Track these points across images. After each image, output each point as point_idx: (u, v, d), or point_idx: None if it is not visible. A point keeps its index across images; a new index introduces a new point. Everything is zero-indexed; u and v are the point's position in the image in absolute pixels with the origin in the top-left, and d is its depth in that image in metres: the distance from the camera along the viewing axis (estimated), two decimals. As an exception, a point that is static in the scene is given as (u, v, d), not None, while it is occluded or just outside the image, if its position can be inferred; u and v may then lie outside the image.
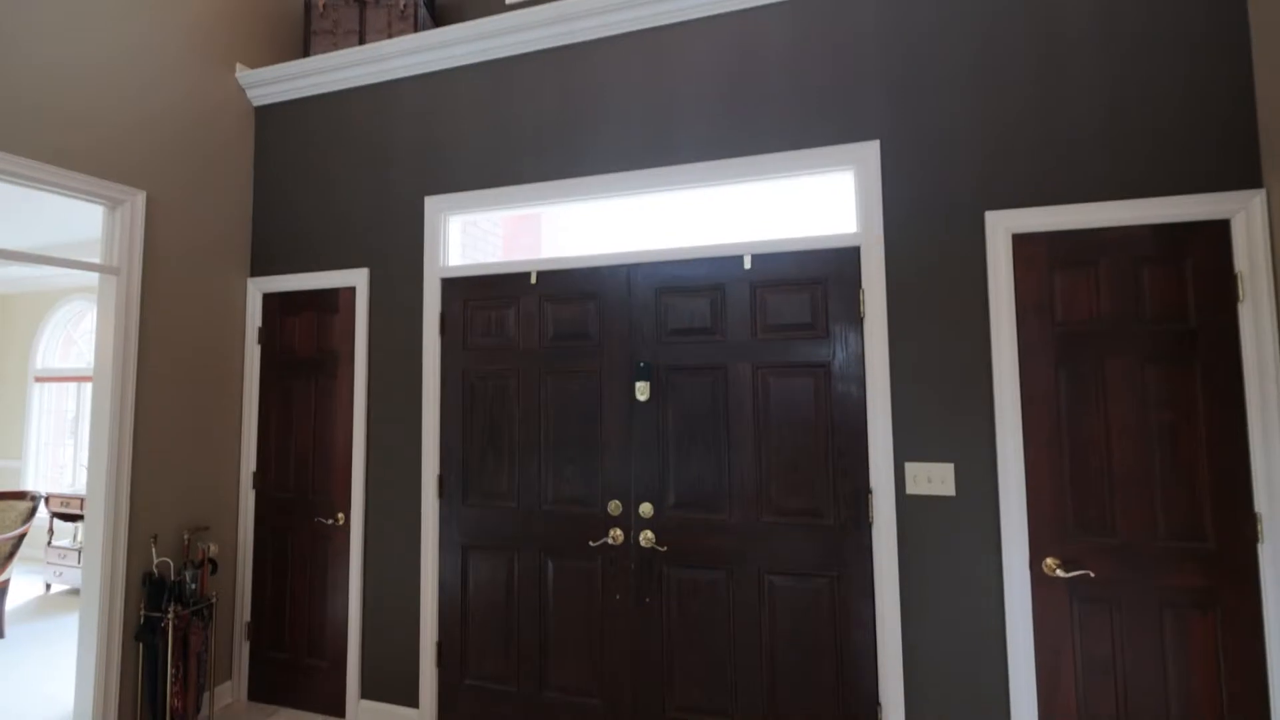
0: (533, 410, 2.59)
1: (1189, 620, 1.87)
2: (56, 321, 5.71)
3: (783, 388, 2.28)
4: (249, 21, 3.13)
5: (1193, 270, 1.93)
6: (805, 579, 2.22)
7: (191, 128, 2.84)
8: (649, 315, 2.44)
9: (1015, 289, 2.06)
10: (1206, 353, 1.90)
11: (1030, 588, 1.98)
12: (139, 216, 2.58)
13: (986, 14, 2.13)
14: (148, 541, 2.60)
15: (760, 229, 2.45)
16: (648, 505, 2.39)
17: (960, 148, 2.14)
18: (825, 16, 2.30)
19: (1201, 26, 1.94)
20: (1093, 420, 1.97)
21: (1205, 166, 1.92)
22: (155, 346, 2.66)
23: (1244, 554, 1.83)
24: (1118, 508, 1.93)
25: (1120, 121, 1.99)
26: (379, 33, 3.04)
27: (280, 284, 3.03)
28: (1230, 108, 1.90)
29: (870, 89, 2.24)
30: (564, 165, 2.60)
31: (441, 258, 2.76)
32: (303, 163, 3.04)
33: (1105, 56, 2.01)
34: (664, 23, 2.49)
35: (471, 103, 2.77)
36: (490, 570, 2.61)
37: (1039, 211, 2.05)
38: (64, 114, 2.36)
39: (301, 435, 2.95)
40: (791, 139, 2.31)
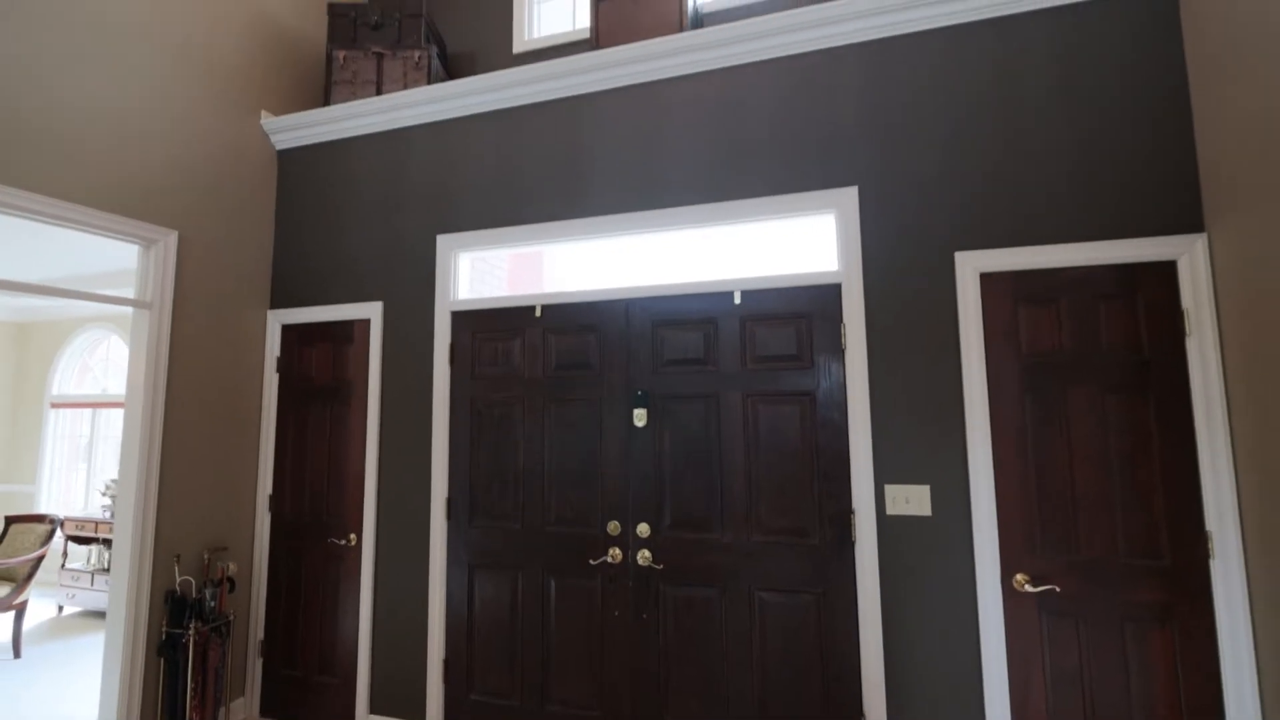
0: (536, 435, 2.75)
1: (1148, 633, 2.00)
2: (73, 349, 5.89)
3: (771, 415, 2.44)
4: (274, 72, 3.36)
5: (1144, 306, 2.10)
6: (793, 595, 2.35)
7: (219, 171, 3.05)
8: (646, 346, 2.61)
9: (984, 323, 2.23)
10: (1159, 382, 2.06)
11: (1002, 602, 2.12)
12: (171, 255, 2.77)
13: (957, 75, 2.34)
14: (171, 561, 2.74)
15: (749, 267, 2.63)
16: (645, 525, 2.53)
17: (932, 193, 2.33)
18: (807, 73, 2.51)
19: (1148, 89, 2.14)
20: (1057, 445, 2.13)
21: (1153, 212, 2.10)
22: (181, 375, 2.83)
23: (1197, 570, 1.97)
24: (1081, 527, 2.08)
25: (1078, 172, 2.18)
26: (395, 82, 3.26)
27: (298, 316, 3.21)
28: (1174, 160, 2.09)
29: (849, 139, 2.44)
30: (566, 207, 2.80)
31: (452, 292, 2.94)
32: (322, 202, 3.24)
33: (1064, 115, 2.21)
34: (657, 78, 2.70)
35: (481, 148, 2.97)
36: (495, 588, 2.74)
37: (1005, 252, 2.23)
38: (106, 161, 2.56)
39: (316, 459, 3.10)
40: (776, 184, 2.50)
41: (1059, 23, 2.24)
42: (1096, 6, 2.20)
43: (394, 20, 3.36)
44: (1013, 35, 2.28)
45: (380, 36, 3.34)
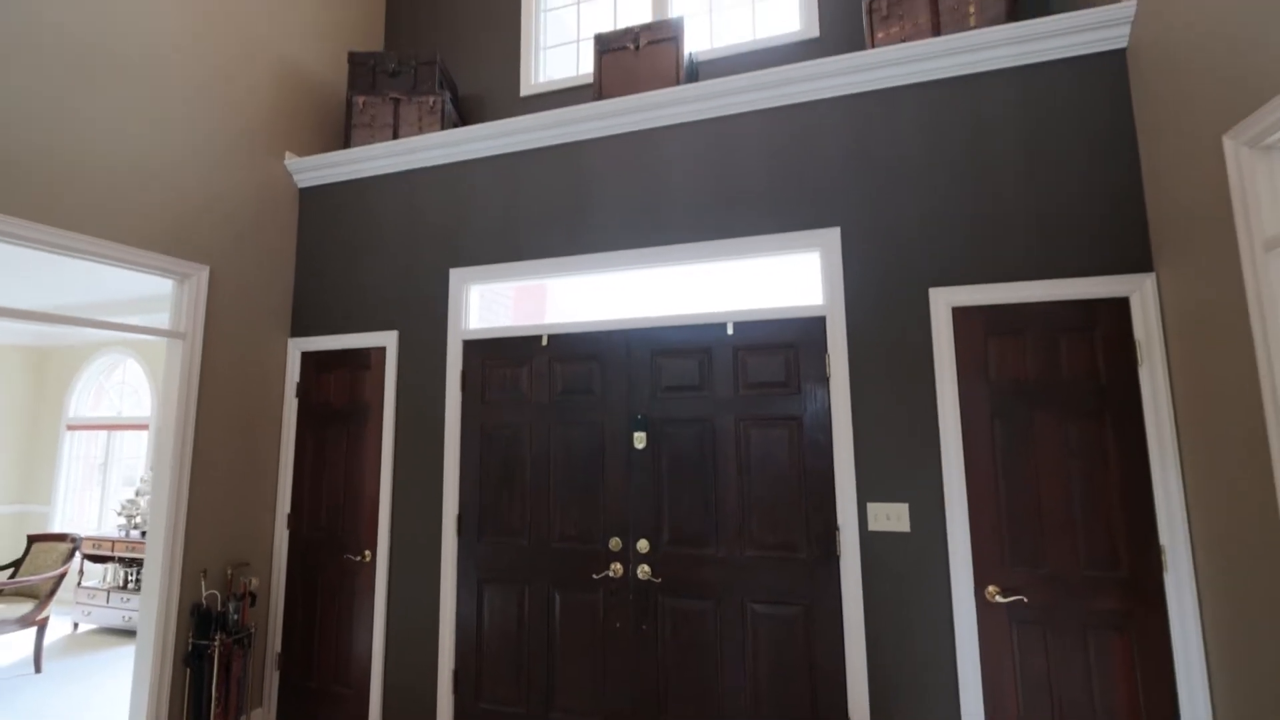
0: (542, 457, 2.93)
1: (1109, 639, 2.17)
2: (90, 373, 6.08)
3: (761, 437, 2.63)
4: (298, 115, 3.59)
5: (1101, 338, 2.30)
6: (783, 607, 2.52)
7: (246, 208, 3.26)
8: (645, 374, 2.81)
9: (956, 353, 2.43)
10: (1115, 407, 2.25)
11: (975, 612, 2.29)
12: (203, 288, 2.98)
13: (931, 126, 2.56)
14: (197, 575, 2.90)
15: (741, 300, 2.83)
16: (644, 541, 2.70)
17: (908, 234, 2.54)
18: (793, 123, 2.74)
19: (1102, 143, 2.36)
20: (1024, 466, 2.31)
21: (1109, 253, 2.31)
22: (209, 401, 3.01)
23: (1152, 581, 2.15)
24: (1046, 541, 2.26)
25: (1041, 216, 2.39)
26: (410, 125, 3.49)
27: (318, 344, 3.41)
28: (1126, 207, 2.31)
29: (832, 184, 2.66)
30: (570, 243, 3.01)
31: (463, 322, 3.14)
32: (340, 237, 3.46)
33: (1028, 164, 2.43)
34: (656, 125, 2.93)
35: (491, 188, 3.19)
36: (503, 602, 2.90)
37: (974, 288, 2.43)
38: (145, 201, 2.78)
39: (333, 479, 3.28)
40: (765, 224, 2.71)
41: (1022, 82, 2.46)
42: (1055, 68, 2.43)
43: (410, 68, 3.60)
44: (981, 92, 2.51)
45: (397, 83, 3.58)
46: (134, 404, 5.98)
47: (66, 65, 2.51)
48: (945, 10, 2.62)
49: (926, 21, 2.65)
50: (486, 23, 4.05)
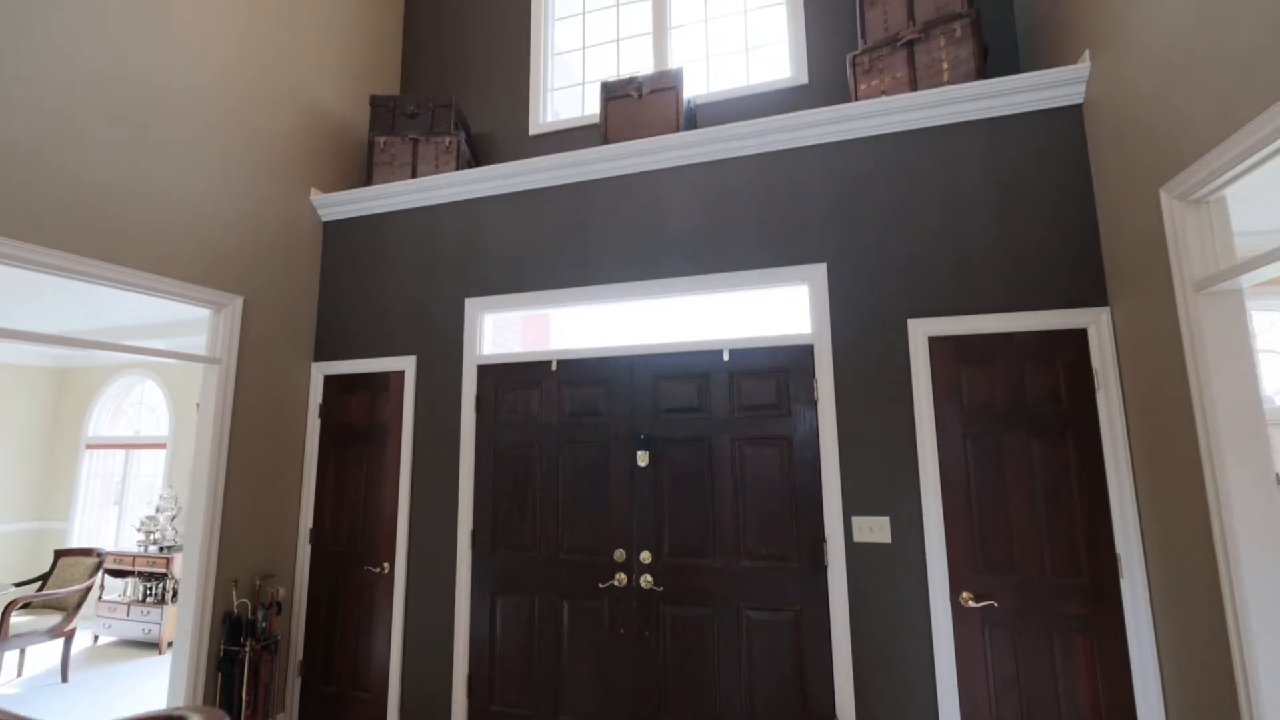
0: (551, 474, 3.15)
1: (1072, 641, 2.37)
2: (110, 394, 6.29)
3: (755, 456, 2.85)
4: (323, 154, 3.85)
5: (1062, 366, 2.53)
6: (776, 613, 2.72)
7: (275, 241, 3.50)
8: (648, 397, 3.03)
9: (932, 379, 2.66)
10: (1075, 428, 2.47)
11: (951, 616, 2.49)
12: (237, 317, 3.21)
13: (907, 172, 2.81)
14: (229, 585, 3.10)
15: (736, 329, 3.06)
16: (647, 553, 2.91)
17: (888, 270, 2.78)
18: (781, 167, 2.99)
19: (1062, 189, 2.60)
20: (994, 481, 2.53)
21: (1069, 289, 2.55)
22: (240, 422, 3.23)
23: (1110, 586, 2.36)
24: (1015, 550, 2.47)
25: (1008, 254, 2.64)
26: (428, 164, 3.75)
27: (340, 368, 3.63)
28: (1083, 247, 2.55)
29: (818, 224, 2.90)
30: (577, 275, 3.25)
31: (477, 348, 3.37)
32: (362, 268, 3.70)
33: (995, 208, 2.68)
34: (654, 168, 3.18)
35: (504, 223, 3.44)
36: (514, 610, 3.10)
37: (948, 320, 2.67)
38: (186, 237, 3.01)
39: (353, 495, 3.49)
40: (758, 260, 2.96)
41: (989, 132, 2.72)
42: (1020, 121, 2.69)
43: (427, 110, 3.87)
44: (951, 142, 2.76)
45: (415, 124, 3.85)
46: (152, 423, 6.19)
47: (126, 116, 2.77)
48: (921, 66, 2.88)
49: (905, 76, 2.91)
50: (497, 66, 4.33)
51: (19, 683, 4.22)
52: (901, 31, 2.92)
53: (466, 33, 4.46)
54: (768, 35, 3.84)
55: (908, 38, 2.90)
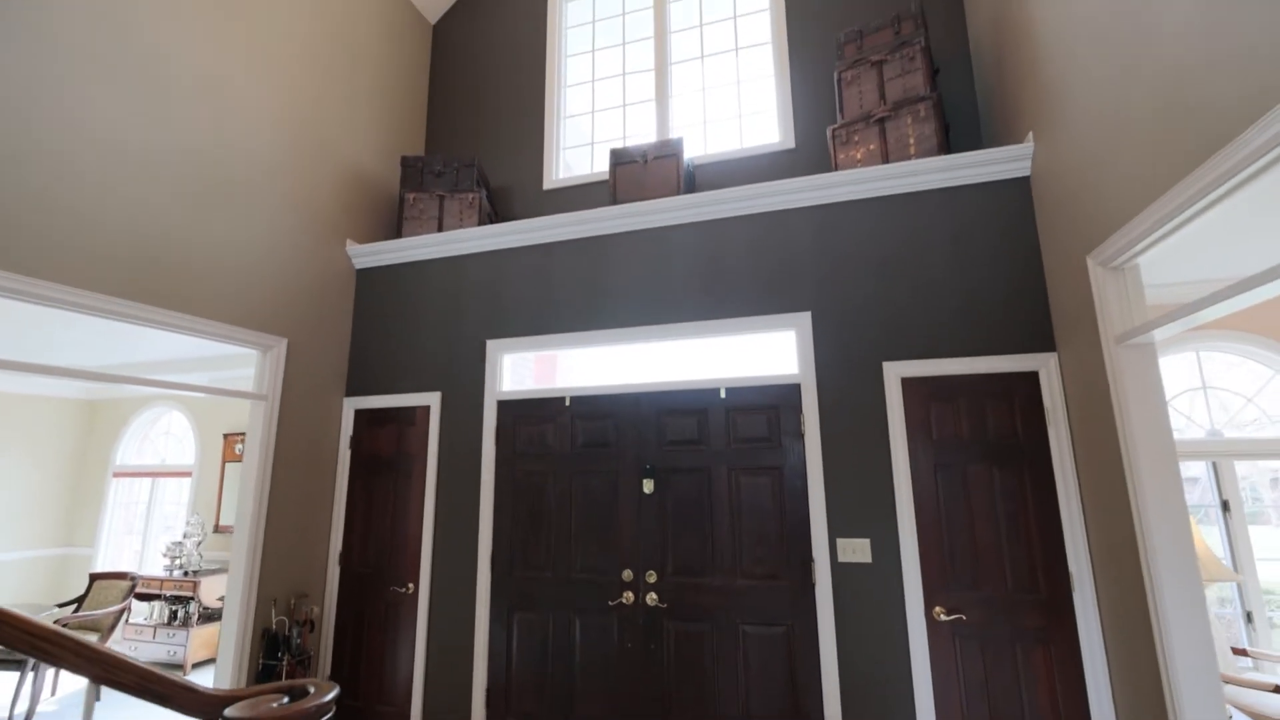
0: (565, 501, 3.46)
1: (1032, 651, 2.66)
2: (138, 424, 6.60)
3: (750, 484, 3.17)
4: (358, 208, 4.25)
5: (1019, 404, 2.87)
6: (769, 627, 3.01)
7: (314, 287, 3.87)
8: (653, 430, 3.37)
9: (905, 415, 2.99)
10: (1030, 460, 2.80)
11: (925, 629, 2.78)
12: (282, 357, 3.56)
13: (881, 232, 3.20)
14: (269, 604, 3.38)
15: (731, 368, 3.41)
16: (652, 573, 3.20)
17: (865, 318, 3.14)
18: (771, 226, 3.38)
19: (1014, 249, 2.98)
20: (961, 506, 2.85)
21: (1022, 336, 2.91)
22: (281, 453, 3.55)
23: (1064, 601, 2.66)
24: (980, 568, 2.77)
25: (969, 305, 3.00)
26: (453, 217, 4.15)
27: (370, 403, 3.97)
28: (1034, 299, 2.91)
29: (804, 276, 3.27)
30: (589, 319, 3.61)
31: (497, 385, 3.71)
32: (392, 312, 4.06)
33: (958, 264, 3.05)
34: (658, 225, 3.57)
35: (522, 272, 3.82)
36: (530, 627, 3.38)
37: (919, 363, 3.02)
38: (237, 285, 3.37)
39: (381, 520, 3.79)
40: (750, 308, 3.32)
41: (950, 199, 3.11)
42: (977, 190, 3.08)
43: (453, 169, 4.28)
44: (918, 207, 3.15)
45: (442, 182, 4.26)
46: (177, 453, 6.49)
47: (189, 178, 3.16)
48: (892, 140, 3.29)
49: (878, 148, 3.32)
50: (514, 126, 4.77)
51: (55, 700, 4.44)
52: (874, 110, 3.34)
53: (486, 96, 4.91)
54: (758, 104, 4.28)
55: (879, 115, 3.32)
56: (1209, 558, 3.15)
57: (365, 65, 4.44)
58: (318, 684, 1.36)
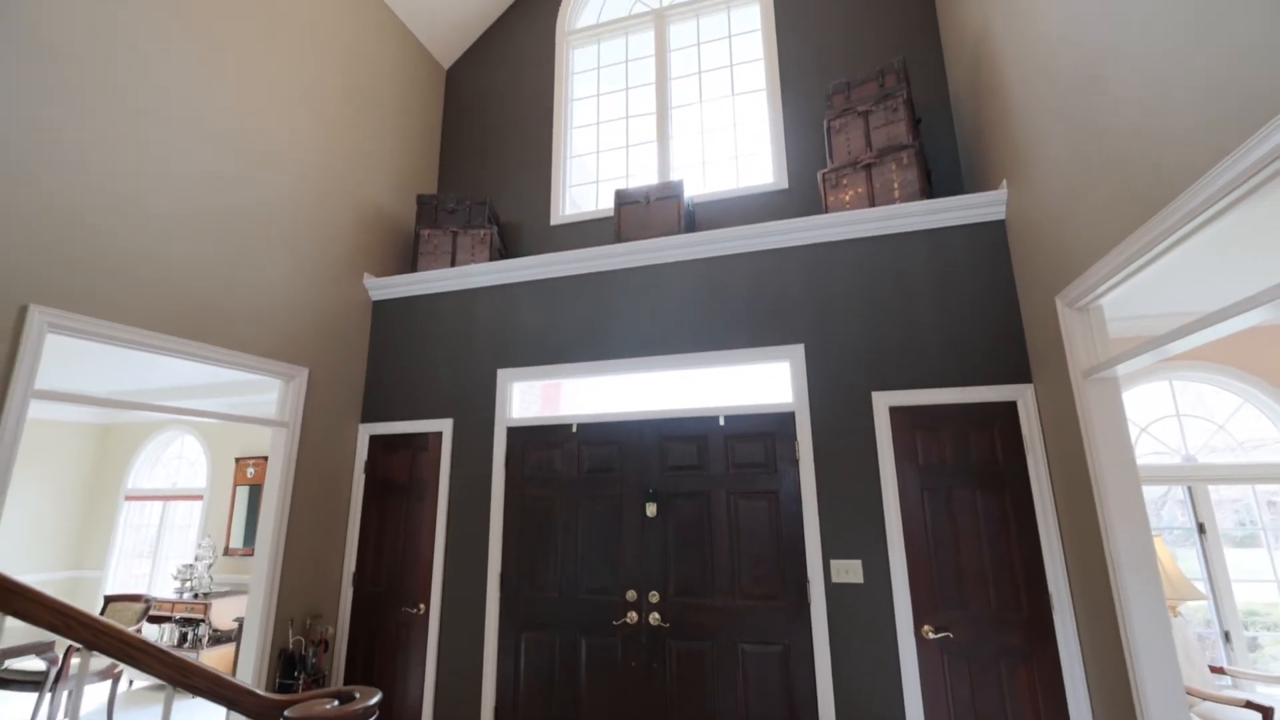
0: (571, 524, 3.62)
1: (1016, 668, 2.81)
2: (151, 448, 6.75)
3: (747, 507, 3.33)
4: (375, 243, 4.48)
5: (999, 432, 3.06)
6: (767, 646, 3.15)
7: (334, 318, 4.07)
8: (655, 456, 3.54)
9: (893, 443, 3.18)
10: (1011, 485, 2.98)
11: (915, 647, 2.93)
12: (303, 386, 3.74)
13: (869, 269, 3.41)
14: (286, 624, 3.52)
15: (729, 397, 3.60)
16: (655, 593, 3.36)
17: (855, 351, 3.34)
18: (766, 264, 3.59)
19: (992, 286, 3.19)
20: (946, 529, 3.02)
21: (1000, 368, 3.11)
22: (300, 477, 3.72)
23: (1045, 620, 2.82)
24: (965, 588, 2.94)
25: (952, 339, 3.20)
26: (465, 252, 4.37)
27: (384, 429, 4.15)
28: (1012, 334, 3.12)
29: (797, 310, 3.48)
30: (595, 350, 3.81)
31: (507, 412, 3.90)
32: (406, 342, 4.26)
33: (940, 301, 3.26)
34: (660, 262, 3.79)
35: (532, 305, 4.02)
36: (537, 646, 3.51)
37: (906, 393, 3.21)
38: (262, 318, 3.57)
39: (393, 543, 3.94)
40: (747, 340, 3.52)
41: (933, 240, 3.33)
42: (957, 231, 3.30)
43: (465, 206, 4.52)
44: (903, 247, 3.37)
45: (455, 218, 4.49)
46: (189, 476, 6.63)
47: (232, 225, 3.38)
48: (878, 185, 3.53)
49: (864, 191, 3.55)
50: (523, 165, 5.02)
51: (69, 721, 4.54)
52: (861, 156, 3.58)
53: (496, 136, 5.17)
54: (754, 146, 4.53)
55: (866, 161, 3.56)
56: (1178, 578, 3.31)
57: (383, 109, 4.70)
58: (363, 690, 1.53)
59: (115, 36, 2.91)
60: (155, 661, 1.34)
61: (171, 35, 3.18)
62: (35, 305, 2.50)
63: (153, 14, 3.10)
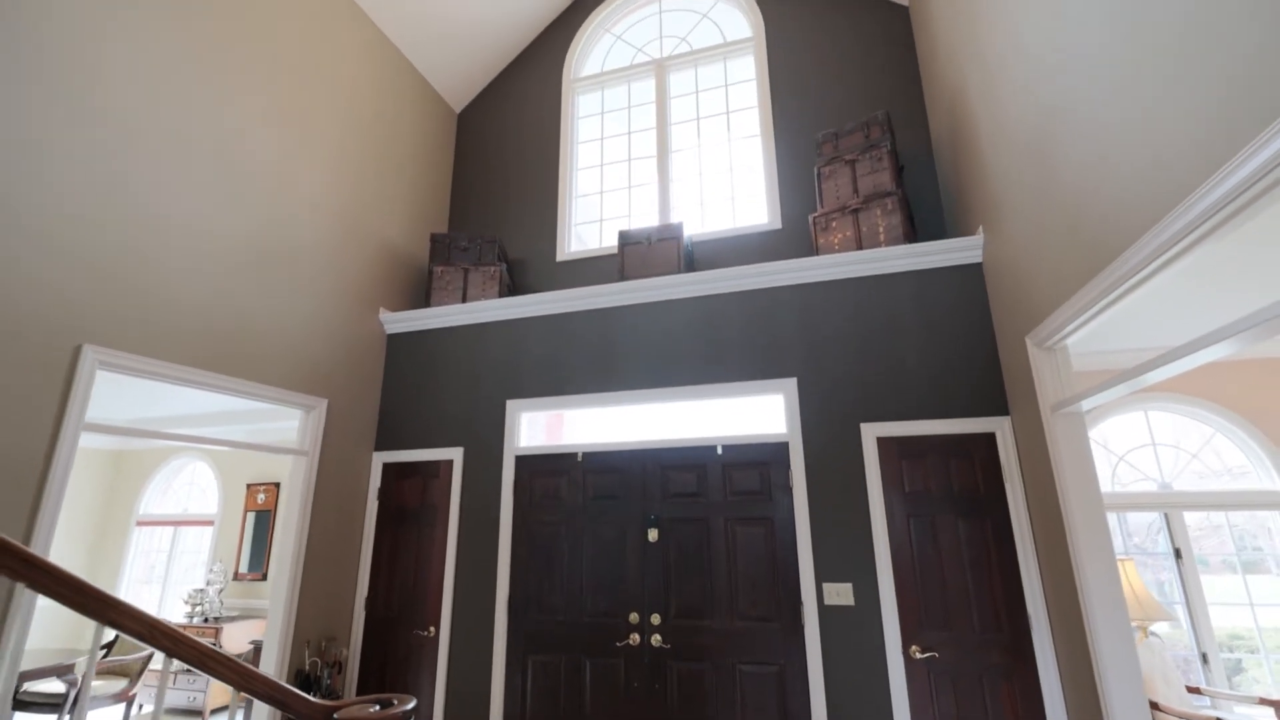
0: (576, 548, 3.79)
1: (999, 686, 2.98)
2: (162, 474, 6.92)
3: (744, 533, 3.52)
4: (390, 280, 4.72)
5: (979, 461, 3.26)
6: (763, 666, 3.31)
7: (350, 351, 4.29)
8: (657, 483, 3.73)
9: (880, 471, 3.38)
10: (991, 512, 3.18)
11: (904, 666, 3.10)
12: (323, 416, 3.95)
13: (857, 308, 3.64)
14: (303, 646, 3.67)
15: (727, 428, 3.81)
16: (657, 615, 3.52)
17: (844, 384, 3.56)
18: (761, 302, 3.83)
19: (971, 324, 3.43)
20: (932, 553, 3.20)
21: (980, 402, 3.32)
22: (317, 504, 3.90)
23: (1024, 640, 2.99)
24: (950, 611, 3.11)
25: (934, 374, 3.42)
26: (476, 288, 4.61)
27: (397, 457, 4.34)
28: (990, 368, 3.34)
29: (790, 346, 3.71)
30: (599, 382, 4.02)
31: (516, 441, 4.09)
32: (420, 373, 4.47)
33: (923, 337, 3.49)
34: (662, 299, 4.03)
35: (540, 339, 4.25)
36: (543, 667, 3.66)
37: (892, 424, 3.42)
38: (285, 352, 3.78)
39: (405, 567, 4.10)
40: (743, 374, 3.74)
41: (916, 281, 3.57)
42: (938, 273, 3.55)
43: (476, 244, 4.77)
44: (888, 287, 3.61)
45: (466, 256, 4.74)
46: (200, 502, 6.78)
47: (256, 264, 3.61)
48: (864, 228, 3.78)
49: (852, 235, 3.81)
50: (529, 204, 5.29)
51: (83, 744, 4.64)
52: (849, 201, 3.84)
53: (504, 176, 5.45)
54: (749, 188, 4.81)
55: (853, 206, 3.82)
56: (1147, 600, 3.48)
57: (398, 151, 4.98)
58: (399, 697, 1.71)
59: (160, 95, 3.18)
60: (224, 668, 1.52)
61: (211, 88, 3.45)
62: (88, 344, 2.72)
63: (194, 74, 3.37)
